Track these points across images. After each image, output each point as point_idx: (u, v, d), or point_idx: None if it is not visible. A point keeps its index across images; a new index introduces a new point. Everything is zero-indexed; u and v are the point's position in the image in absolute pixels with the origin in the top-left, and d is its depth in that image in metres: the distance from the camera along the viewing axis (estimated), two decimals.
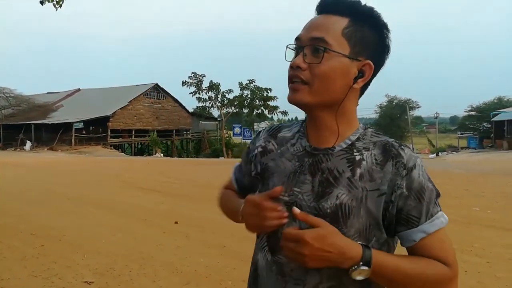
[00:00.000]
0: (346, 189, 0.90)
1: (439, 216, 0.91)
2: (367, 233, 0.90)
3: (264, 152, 1.05)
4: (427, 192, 0.90)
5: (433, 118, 49.65)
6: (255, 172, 1.06)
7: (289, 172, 0.97)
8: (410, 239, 0.90)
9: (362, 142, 0.95)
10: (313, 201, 0.92)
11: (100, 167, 16.77)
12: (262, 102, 38.60)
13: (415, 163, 0.90)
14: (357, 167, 0.91)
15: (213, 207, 7.29)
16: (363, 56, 0.92)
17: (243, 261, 4.53)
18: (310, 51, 0.91)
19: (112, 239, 5.42)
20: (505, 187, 10.46)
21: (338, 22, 0.91)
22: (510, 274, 4.03)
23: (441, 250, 0.90)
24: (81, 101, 40.12)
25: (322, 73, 0.89)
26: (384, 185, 0.89)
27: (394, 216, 0.89)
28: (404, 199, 0.88)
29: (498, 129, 33.37)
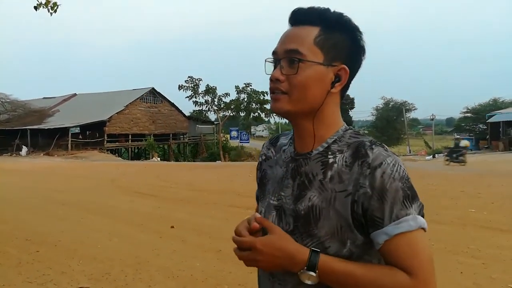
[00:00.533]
0: (318, 191, 0.93)
1: (408, 219, 0.86)
2: (340, 234, 0.89)
3: (265, 159, 1.13)
4: (391, 192, 0.86)
5: (429, 120, 49.76)
6: (258, 179, 1.14)
7: (278, 178, 1.03)
8: (375, 241, 0.88)
9: (338, 144, 0.97)
10: (292, 203, 0.96)
11: (97, 172, 16.73)
12: (258, 106, 38.60)
13: (381, 162, 0.88)
14: (328, 170, 0.94)
15: (209, 211, 7.35)
16: (337, 61, 0.95)
17: (239, 265, 4.50)
18: (287, 63, 0.94)
19: (108, 244, 5.40)
20: (501, 188, 10.49)
21: (310, 32, 0.94)
22: (505, 275, 4.03)
23: (406, 256, 0.85)
24: (77, 106, 40.04)
25: (299, 83, 0.93)
26: (350, 185, 0.89)
27: (361, 216, 0.88)
28: (368, 199, 0.87)
29: (493, 130, 33.52)
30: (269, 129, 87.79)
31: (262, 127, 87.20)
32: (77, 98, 44.49)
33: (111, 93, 42.55)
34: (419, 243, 0.86)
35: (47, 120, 37.56)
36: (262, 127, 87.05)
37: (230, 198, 9.38)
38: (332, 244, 0.89)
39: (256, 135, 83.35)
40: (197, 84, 37.57)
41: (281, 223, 0.96)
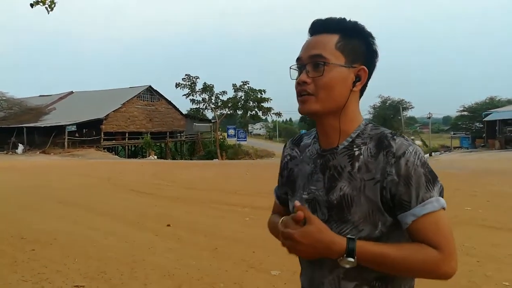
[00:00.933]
0: (347, 181, 1.04)
1: (432, 200, 0.97)
2: (372, 218, 1.01)
3: (291, 159, 1.24)
4: (415, 178, 0.97)
5: (426, 119, 49.95)
6: (285, 178, 1.25)
7: (307, 174, 1.14)
8: (403, 222, 0.99)
9: (361, 138, 1.07)
10: (325, 195, 1.07)
11: (93, 170, 16.68)
12: (256, 104, 38.60)
13: (404, 151, 0.99)
14: (355, 161, 1.05)
15: (206, 209, 7.33)
16: (357, 63, 1.08)
17: (235, 263, 4.53)
18: (311, 67, 1.06)
19: (104, 243, 5.39)
20: (496, 186, 10.55)
21: (331, 39, 1.06)
22: (499, 273, 4.05)
23: (433, 233, 0.96)
24: (74, 104, 39.92)
25: (324, 84, 1.04)
26: (378, 174, 1.00)
27: (390, 200, 0.99)
28: (395, 185, 0.98)
29: (490, 129, 33.63)
30: (266, 128, 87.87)
31: (260, 125, 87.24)
32: (73, 96, 44.34)
33: (108, 91, 42.45)
34: (442, 221, 0.98)
35: (43, 118, 37.42)
36: (259, 125, 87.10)
37: (227, 196, 9.38)
38: (365, 227, 1.01)
39: (254, 133, 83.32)
40: (194, 82, 37.60)
41: (316, 213, 1.07)
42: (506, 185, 10.66)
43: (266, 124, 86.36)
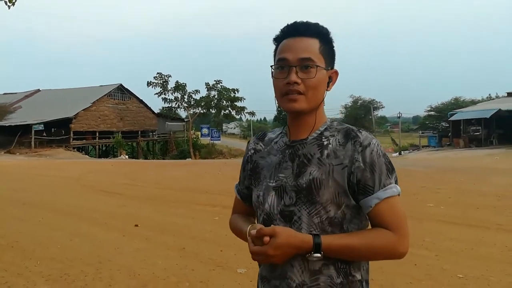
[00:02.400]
0: (317, 166, 1.14)
1: (392, 186, 1.11)
2: (337, 199, 1.11)
3: (255, 152, 1.32)
4: (378, 165, 1.11)
5: (397, 118, 51.15)
6: (249, 171, 1.32)
7: (275, 164, 1.22)
8: (367, 205, 1.10)
9: (329, 131, 1.19)
10: (293, 180, 1.16)
11: (61, 170, 16.25)
12: (229, 103, 38.52)
13: (369, 142, 1.12)
14: (324, 149, 1.16)
15: (175, 209, 7.27)
16: (330, 66, 1.21)
17: (202, 262, 4.54)
18: (300, 68, 1.15)
19: (68, 244, 5.29)
20: (459, 183, 10.96)
21: (314, 43, 1.17)
22: (456, 266, 4.24)
23: (391, 215, 1.09)
24: (41, 102, 38.73)
25: (313, 85, 1.15)
26: (346, 160, 1.12)
27: (355, 185, 1.11)
28: (361, 171, 1.10)
29: (455, 128, 34.82)
30: (241, 127, 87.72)
31: (234, 124, 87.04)
32: (40, 94, 43.02)
33: (77, 89, 41.42)
34: (399, 205, 1.11)
35: (8, 116, 36.08)
36: (233, 125, 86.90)
37: (197, 196, 9.35)
38: (332, 208, 1.11)
39: (228, 133, 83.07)
40: (166, 81, 37.18)
41: (283, 199, 1.16)
42: (468, 183, 11.09)
43: (240, 123, 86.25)
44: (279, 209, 1.17)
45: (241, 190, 1.40)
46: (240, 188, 1.40)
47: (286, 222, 1.15)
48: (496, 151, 25.51)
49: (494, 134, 31.84)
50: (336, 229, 1.12)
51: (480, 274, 4.01)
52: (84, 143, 35.50)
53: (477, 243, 5.13)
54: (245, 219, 1.35)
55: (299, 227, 1.13)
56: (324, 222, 1.11)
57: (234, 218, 1.40)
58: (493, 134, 31.94)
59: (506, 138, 29.75)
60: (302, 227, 1.12)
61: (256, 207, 1.26)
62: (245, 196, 1.38)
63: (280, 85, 1.18)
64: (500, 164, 18.06)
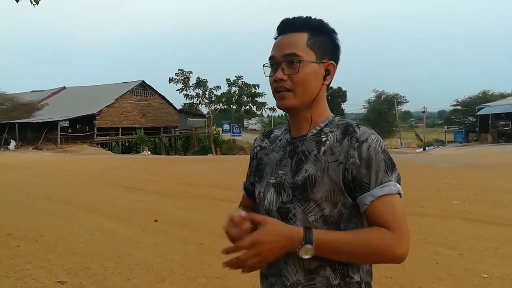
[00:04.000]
0: (313, 163, 1.11)
1: (389, 184, 1.05)
2: (333, 197, 1.07)
3: (260, 149, 1.31)
4: (375, 161, 1.06)
5: (421, 113, 50.05)
6: (254, 168, 1.31)
7: (276, 161, 1.21)
8: (362, 202, 1.06)
9: (329, 127, 1.15)
10: (291, 177, 1.14)
11: (85, 166, 16.62)
12: (250, 99, 38.47)
13: (367, 137, 1.07)
14: (322, 146, 1.12)
15: (195, 204, 7.31)
16: (326, 58, 1.16)
17: (219, 258, 4.54)
18: (286, 65, 1.13)
19: (90, 239, 5.39)
20: (485, 180, 10.62)
21: (301, 37, 1.14)
22: (480, 266, 4.10)
23: (388, 215, 1.03)
24: (66, 99, 39.67)
25: (300, 80, 1.12)
26: (341, 156, 1.08)
27: (350, 182, 1.06)
28: (357, 167, 1.06)
29: (483, 123, 33.81)
30: (262, 122, 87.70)
31: (255, 120, 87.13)
32: (66, 91, 44.06)
33: (101, 86, 42.20)
34: (397, 205, 1.05)
35: (35, 113, 37.15)
36: (254, 120, 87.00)
37: (217, 191, 9.39)
38: (327, 206, 1.07)
39: (249, 128, 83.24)
40: (187, 77, 37.36)
41: (281, 196, 1.14)
42: (495, 179, 10.74)
43: (261, 119, 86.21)
44: (277, 206, 1.15)
45: (247, 187, 1.40)
46: (246, 185, 1.40)
47: (282, 219, 1.13)
48: None
49: None
50: (332, 228, 1.08)
51: (505, 274, 3.87)
52: (107, 139, 36.17)
53: (503, 242, 4.96)
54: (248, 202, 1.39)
55: (294, 224, 1.10)
56: (318, 220, 1.08)
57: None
58: None
59: None
60: (297, 225, 1.10)
61: (258, 203, 1.26)
62: (250, 193, 1.37)
63: (271, 82, 1.17)
64: None
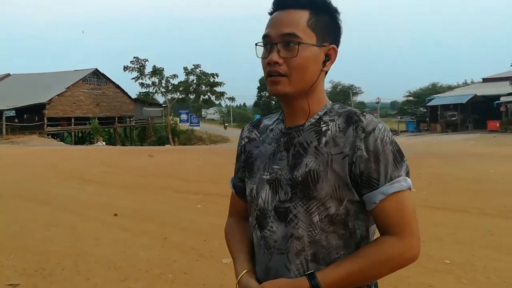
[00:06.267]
0: (314, 156, 0.99)
1: (400, 179, 0.95)
2: (338, 194, 0.96)
3: (249, 141, 1.17)
4: (384, 155, 0.95)
5: (375, 103, 51.77)
6: (243, 162, 1.17)
7: (269, 154, 1.07)
8: (371, 201, 0.96)
9: (329, 115, 1.03)
10: (288, 173, 1.01)
11: (35, 158, 15.71)
12: (208, 88, 38.04)
13: (374, 127, 0.96)
14: (322, 136, 1.00)
15: (155, 197, 7.06)
16: (327, 42, 1.02)
17: (184, 252, 4.42)
18: (283, 46, 0.99)
19: (45, 235, 5.07)
20: (438, 168, 11.14)
21: (302, 15, 0.99)
22: (441, 251, 4.25)
23: (398, 213, 0.94)
24: (11, 87, 37.32)
25: (298, 65, 0.98)
26: (347, 148, 0.96)
27: (358, 176, 0.96)
28: (364, 161, 0.95)
29: (432, 113, 35.50)
30: (220, 112, 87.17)
31: (213, 110, 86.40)
32: (11, 78, 41.45)
33: (51, 73, 40.10)
34: (408, 202, 0.96)
35: None
36: (213, 110, 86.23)
37: (178, 183, 9.18)
38: (332, 204, 0.97)
39: (207, 118, 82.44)
40: (143, 65, 36.37)
41: (278, 194, 1.02)
42: (446, 167, 11.29)
43: (219, 109, 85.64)
44: (274, 205, 1.03)
45: (236, 184, 1.24)
46: (235, 182, 1.24)
47: (281, 220, 1.01)
48: (472, 136, 26.13)
49: (469, 119, 32.61)
50: (339, 228, 0.98)
51: (465, 259, 4.03)
52: (59, 129, 34.53)
53: (459, 228, 5.19)
54: (241, 237, 1.19)
55: (296, 226, 0.99)
56: (323, 221, 0.97)
57: (229, 228, 1.24)
58: (469, 119, 32.71)
59: (481, 123, 30.47)
60: (299, 226, 0.99)
61: (249, 202, 1.11)
62: (240, 191, 1.22)
63: (264, 65, 1.03)
64: (476, 149, 18.49)
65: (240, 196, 1.22)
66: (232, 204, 1.27)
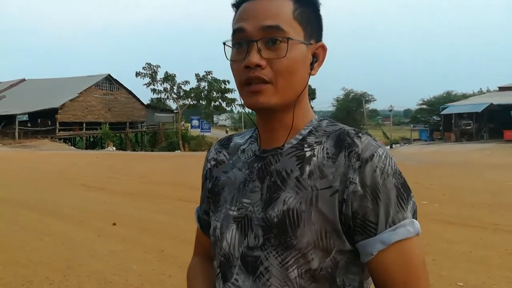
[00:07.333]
0: (294, 191, 0.76)
1: (405, 223, 0.72)
2: (325, 242, 0.73)
3: (216, 164, 0.93)
4: (385, 191, 0.72)
5: (388, 111, 51.12)
6: (208, 191, 0.93)
7: (239, 183, 0.84)
8: (367, 251, 0.73)
9: (315, 136, 0.80)
10: (261, 211, 0.78)
11: (44, 163, 15.74)
12: (219, 94, 38.01)
13: (373, 154, 0.73)
14: (306, 164, 0.77)
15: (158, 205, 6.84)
16: (313, 39, 0.80)
17: (180, 267, 4.18)
18: (264, 44, 0.75)
19: (37, 245, 4.90)
20: (451, 178, 10.75)
21: (285, 4, 0.77)
22: (454, 272, 3.95)
23: (403, 268, 0.71)
24: (26, 92, 37.83)
25: (286, 68, 0.75)
26: (337, 181, 0.73)
27: (350, 219, 0.73)
28: (359, 198, 0.72)
29: (446, 122, 34.83)
30: (232, 119, 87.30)
31: (225, 116, 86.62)
32: (26, 83, 42.06)
33: (64, 79, 40.58)
34: (415, 252, 0.72)
35: None
36: (225, 116, 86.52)
37: (182, 191, 8.99)
38: (316, 256, 0.73)
39: (219, 124, 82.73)
40: (155, 71, 36.45)
41: (247, 237, 0.78)
42: (461, 178, 10.89)
43: (231, 115, 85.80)
44: (241, 252, 0.79)
45: (201, 217, 0.99)
46: (200, 214, 0.99)
47: (249, 273, 0.77)
48: (487, 146, 25.49)
49: (485, 129, 31.88)
50: (324, 285, 0.74)
51: (481, 281, 3.73)
52: (70, 134, 34.81)
53: (475, 246, 4.86)
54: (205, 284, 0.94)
55: (267, 282, 0.75)
56: (304, 277, 0.74)
57: (192, 272, 0.99)
58: (484, 128, 31.98)
59: (497, 133, 29.75)
60: (271, 283, 0.74)
61: (212, 243, 0.86)
62: (206, 225, 0.96)
63: (238, 69, 0.78)
64: (491, 159, 17.95)
65: (205, 232, 0.97)
66: (198, 241, 1.02)
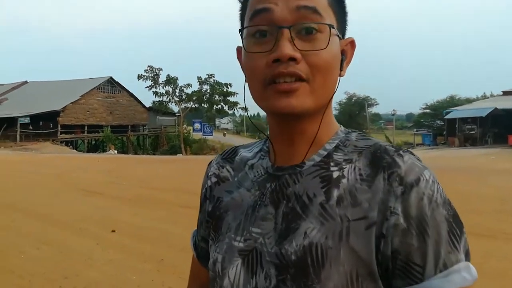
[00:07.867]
0: (318, 221, 0.60)
1: (459, 268, 0.56)
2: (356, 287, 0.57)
3: (218, 181, 0.76)
4: (435, 224, 0.56)
5: (391, 115, 50.91)
6: (207, 214, 0.76)
7: (247, 207, 0.68)
8: None
9: (343, 152, 0.65)
10: (275, 244, 0.62)
11: (44, 166, 15.61)
12: (221, 98, 37.92)
13: (419, 177, 0.58)
14: (334, 188, 0.61)
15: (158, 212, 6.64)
16: (342, 33, 0.67)
17: (180, 278, 4.02)
18: (296, 32, 0.59)
19: (33, 254, 4.75)
20: (456, 184, 10.54)
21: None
22: None
23: None
24: (28, 95, 37.84)
25: (325, 64, 0.61)
26: (374, 210, 0.57)
27: (389, 259, 0.57)
28: (401, 234, 0.56)
29: (450, 127, 34.62)
30: (234, 122, 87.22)
31: (227, 119, 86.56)
32: (28, 86, 42.08)
33: (66, 81, 40.57)
34: None
35: None
36: (227, 120, 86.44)
37: (183, 197, 8.82)
38: None
39: (221, 128, 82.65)
40: (157, 74, 36.37)
41: (254, 277, 0.62)
42: (466, 184, 10.70)
43: (233, 118, 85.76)
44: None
45: (198, 244, 0.82)
46: (197, 239, 0.82)
47: None
48: (492, 151, 25.27)
49: (489, 133, 31.68)
50: None
51: None
52: (72, 137, 34.73)
53: (486, 257, 4.67)
54: None
55: None
56: None
57: None
58: (488, 133, 31.77)
59: (501, 137, 29.54)
60: None
61: (211, 279, 0.69)
62: (204, 254, 0.79)
63: (260, 65, 0.61)
64: (497, 164, 17.74)
65: (203, 262, 0.80)
66: (193, 272, 0.85)
